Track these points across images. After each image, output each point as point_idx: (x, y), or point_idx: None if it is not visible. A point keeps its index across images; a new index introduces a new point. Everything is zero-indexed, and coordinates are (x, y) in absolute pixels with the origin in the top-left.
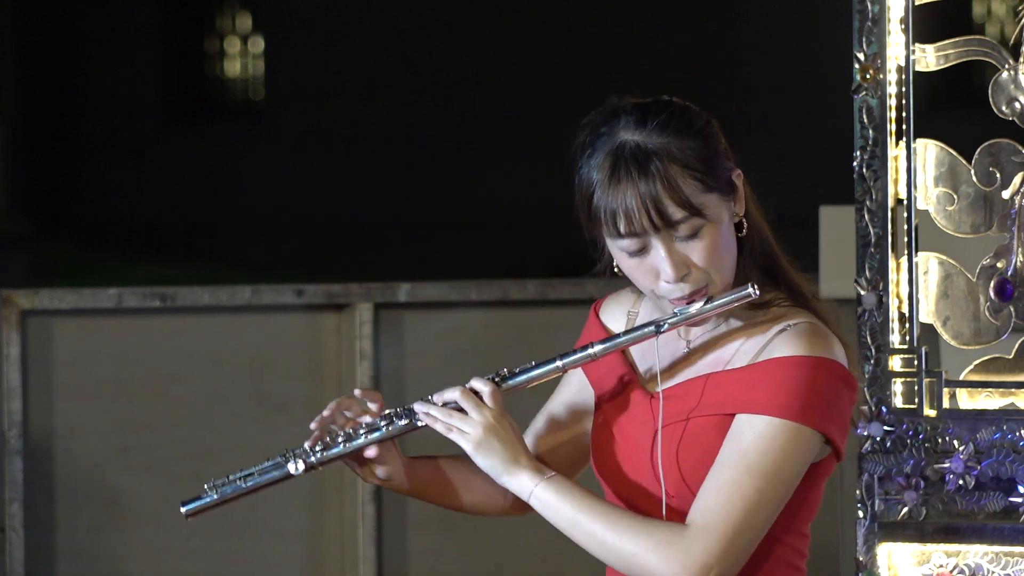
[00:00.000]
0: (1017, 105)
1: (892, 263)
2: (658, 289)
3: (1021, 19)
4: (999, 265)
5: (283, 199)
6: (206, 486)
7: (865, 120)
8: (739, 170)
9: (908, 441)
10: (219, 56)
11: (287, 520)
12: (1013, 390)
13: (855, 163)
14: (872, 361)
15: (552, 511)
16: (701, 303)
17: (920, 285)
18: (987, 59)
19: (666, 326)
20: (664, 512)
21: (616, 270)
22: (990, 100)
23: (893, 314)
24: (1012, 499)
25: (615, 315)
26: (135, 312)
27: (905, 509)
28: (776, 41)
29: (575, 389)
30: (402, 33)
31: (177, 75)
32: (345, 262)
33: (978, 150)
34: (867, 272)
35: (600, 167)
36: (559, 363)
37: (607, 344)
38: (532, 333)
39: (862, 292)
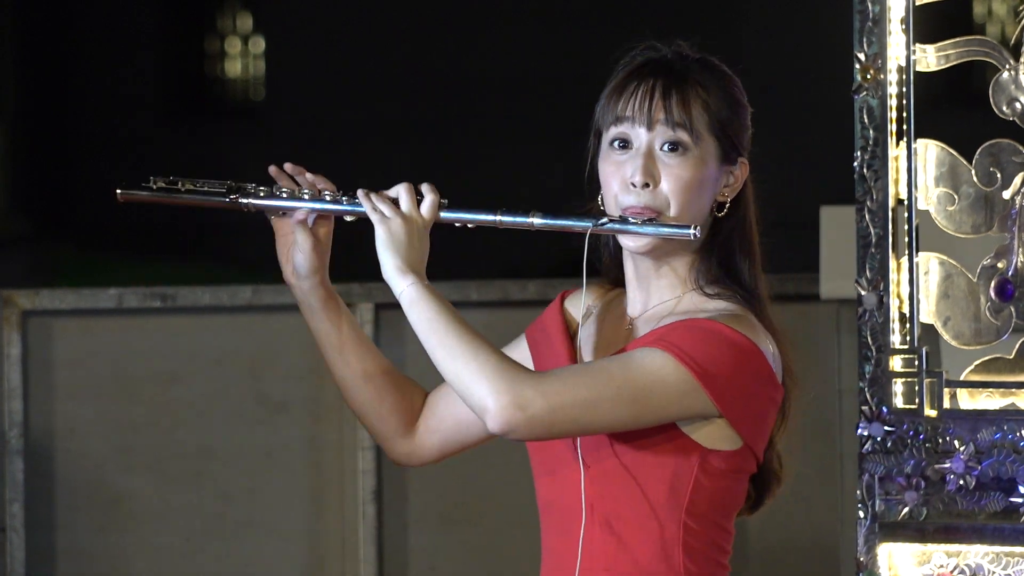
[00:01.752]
0: (1018, 105)
1: (893, 263)
2: (623, 193)
3: (1022, 19)
4: (1000, 265)
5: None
6: (151, 178)
7: (866, 120)
8: (747, 164)
9: (909, 441)
10: (220, 56)
11: (287, 520)
12: (1014, 390)
13: (856, 163)
14: (873, 361)
15: (416, 309)
16: (641, 221)
17: (921, 285)
18: (988, 59)
19: (601, 223)
20: (583, 482)
21: (599, 203)
22: (991, 100)
23: (894, 314)
24: (1013, 499)
25: (577, 305)
26: (135, 312)
27: (906, 509)
28: (776, 41)
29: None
30: (402, 33)
31: (177, 75)
32: (346, 262)
33: (979, 150)
34: (868, 272)
35: (630, 63)
36: (498, 217)
37: (546, 219)
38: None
39: (863, 292)
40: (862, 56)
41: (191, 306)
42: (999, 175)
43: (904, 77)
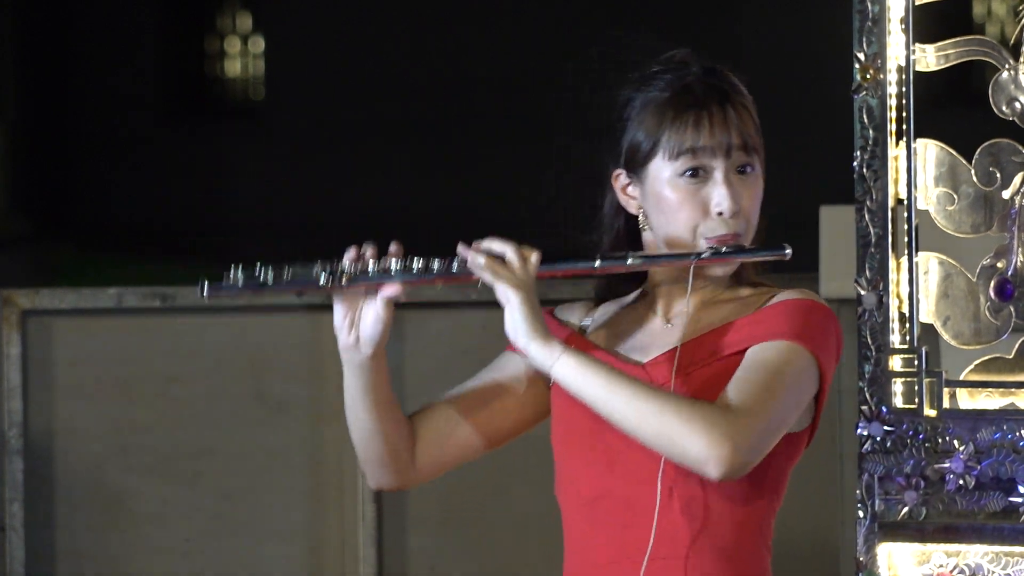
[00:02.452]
0: (1017, 105)
1: (892, 263)
2: (703, 224)
3: (1021, 19)
4: (999, 265)
5: (283, 199)
6: (232, 268)
7: (865, 120)
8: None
9: (908, 441)
10: (219, 56)
11: (287, 520)
12: (1013, 390)
13: (855, 163)
14: (872, 361)
15: (584, 375)
16: (731, 248)
17: (920, 285)
18: (987, 59)
19: (706, 254)
20: (660, 478)
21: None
22: (990, 100)
23: (893, 314)
24: (1012, 499)
25: (567, 315)
26: (135, 312)
27: (905, 509)
28: (776, 41)
29: (510, 373)
30: (402, 33)
31: (177, 75)
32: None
33: (978, 150)
34: (867, 272)
35: (671, 86)
36: (596, 263)
37: (644, 258)
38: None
39: (862, 292)
40: (862, 56)
41: (190, 306)
42: (999, 175)
43: (904, 77)
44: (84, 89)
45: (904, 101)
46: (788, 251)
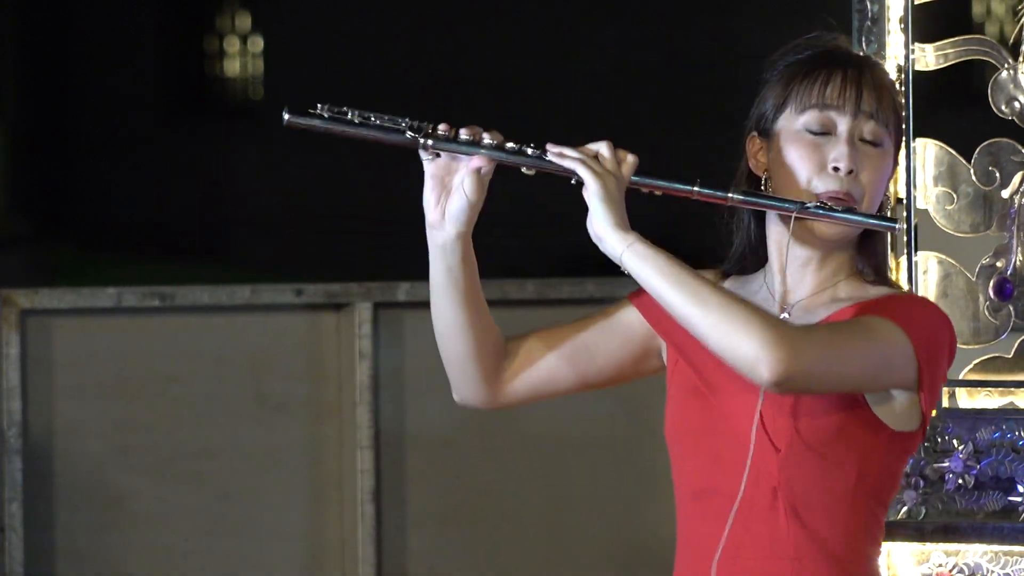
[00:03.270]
0: (1016, 104)
1: (892, 262)
2: (818, 177)
3: (1020, 18)
4: (998, 264)
5: (282, 198)
6: (319, 105)
7: None
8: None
9: None
10: (218, 55)
11: (286, 520)
12: (1012, 389)
13: None
14: None
15: (650, 264)
16: (843, 209)
17: (919, 284)
18: (987, 58)
19: (811, 206)
20: (747, 471)
21: (763, 174)
22: (989, 99)
23: None
24: (1011, 498)
25: None
26: (135, 312)
27: (904, 508)
28: (775, 39)
29: (621, 325)
30: (402, 33)
31: (177, 75)
32: (344, 262)
33: (977, 149)
34: None
35: (810, 55)
36: (696, 188)
37: (747, 196)
38: None
39: None
40: (861, 55)
41: (190, 306)
42: (998, 174)
43: (903, 76)
44: (84, 89)
45: (903, 100)
46: (899, 225)
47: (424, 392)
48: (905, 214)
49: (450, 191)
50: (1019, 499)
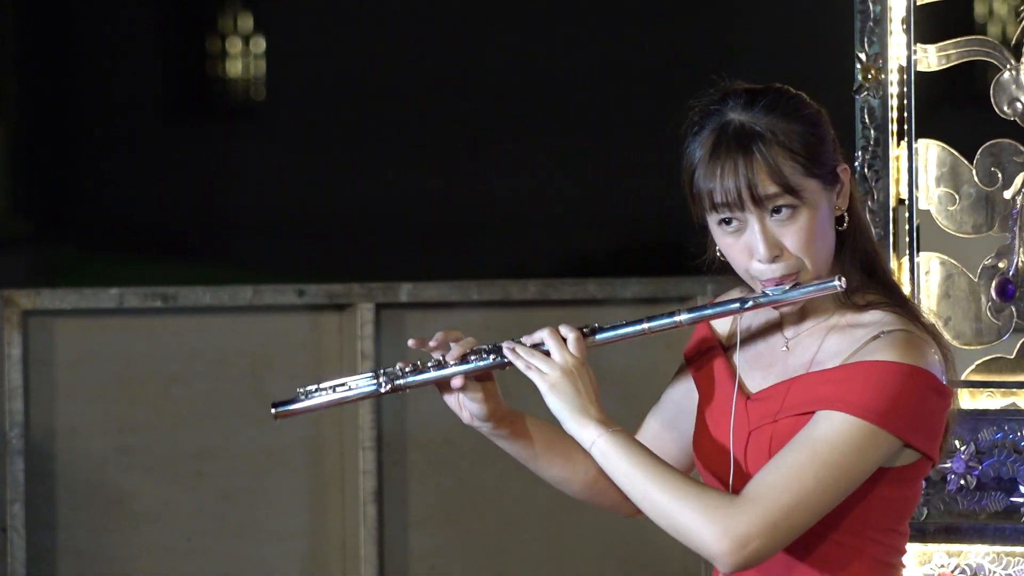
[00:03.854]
0: (1019, 105)
1: (894, 263)
2: (751, 269)
3: (1022, 19)
4: (1001, 265)
5: (284, 199)
6: (299, 390)
7: (867, 120)
8: (846, 165)
9: None
10: (220, 56)
11: (287, 520)
12: (1014, 390)
13: (857, 163)
14: None
15: (609, 463)
16: (787, 287)
17: (922, 285)
18: (989, 59)
19: (750, 303)
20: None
21: (718, 255)
22: (992, 100)
23: None
24: (1013, 499)
25: (720, 323)
26: (136, 312)
27: None
28: (777, 41)
29: (681, 393)
30: (402, 33)
31: (178, 75)
32: (346, 262)
33: (980, 150)
34: None
35: (703, 144)
36: (646, 325)
37: (693, 314)
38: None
39: None
40: (863, 56)
41: (192, 306)
42: (1000, 175)
43: (905, 77)
44: (86, 89)
45: (905, 101)
46: (840, 283)
47: (426, 393)
48: (907, 215)
49: (462, 395)
50: (1021, 500)
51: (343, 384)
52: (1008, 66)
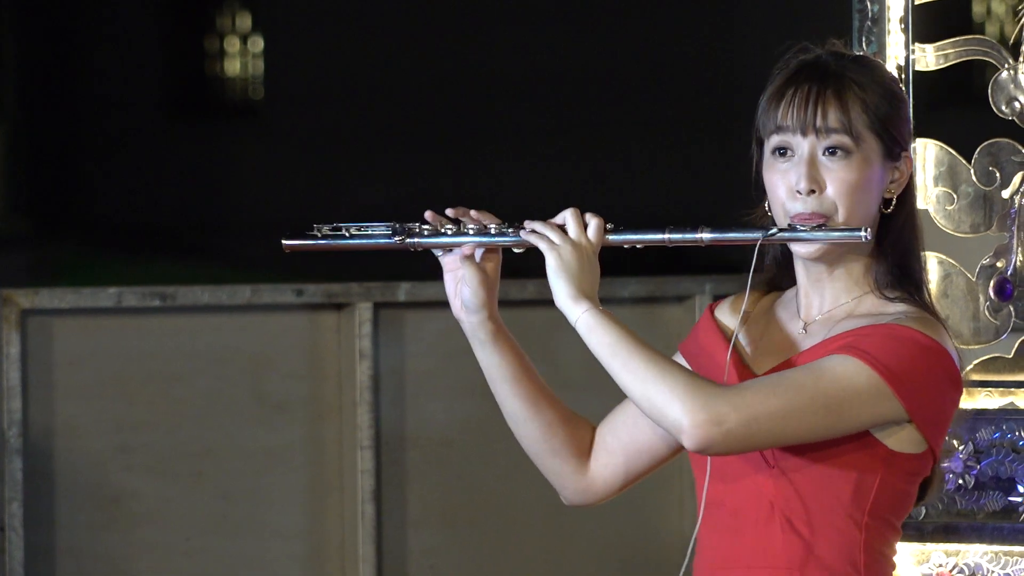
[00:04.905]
0: (1017, 105)
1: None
2: (787, 204)
3: (1021, 19)
4: (999, 264)
5: (283, 198)
6: (314, 226)
7: None
8: (911, 156)
9: None
10: (219, 55)
11: (287, 520)
12: (1013, 389)
13: None
14: None
15: (595, 335)
16: (814, 226)
17: None
18: (987, 59)
19: (771, 233)
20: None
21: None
22: (990, 100)
23: None
24: (1012, 498)
25: (727, 314)
26: (135, 311)
27: None
28: (776, 40)
29: None
30: (402, 32)
31: (177, 75)
32: (344, 262)
33: (978, 149)
34: None
35: (786, 72)
36: (666, 235)
37: (715, 234)
38: (531, 333)
39: None
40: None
41: (191, 305)
42: (998, 174)
43: (903, 76)
44: (84, 89)
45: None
46: (866, 233)
47: (424, 392)
48: None
49: (461, 280)
50: (1019, 499)
51: (358, 227)
52: (1006, 65)
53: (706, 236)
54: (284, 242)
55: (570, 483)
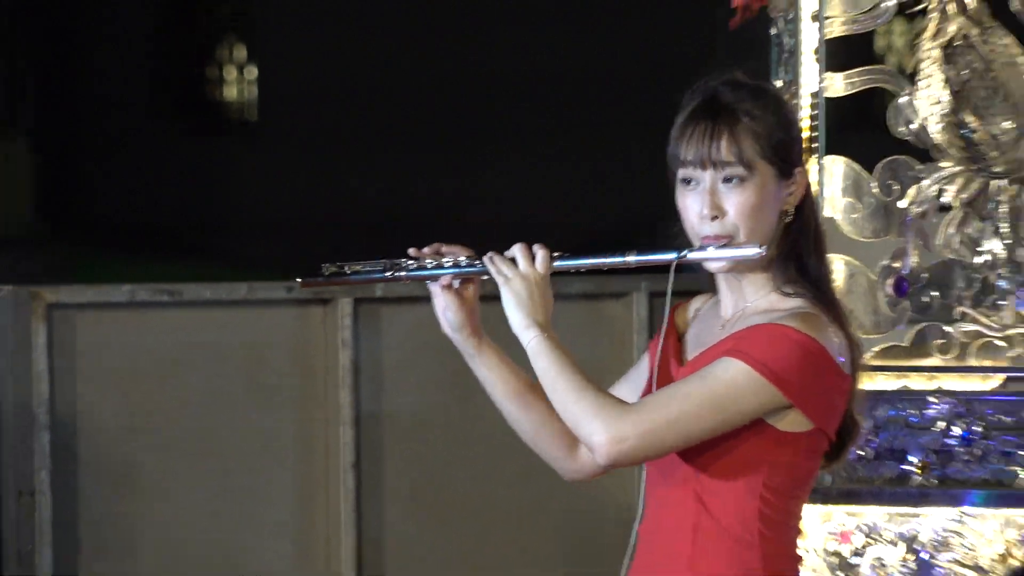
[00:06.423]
0: (913, 126)
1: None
2: (696, 226)
3: (916, 51)
4: (896, 265)
5: (274, 206)
6: (323, 266)
7: None
8: (805, 171)
9: None
10: (218, 81)
11: (279, 490)
12: (907, 373)
13: None
14: None
15: (538, 361)
16: (718, 246)
17: None
18: (887, 86)
19: (685, 253)
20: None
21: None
22: (889, 122)
23: None
24: (904, 467)
25: (685, 313)
26: (146, 306)
27: None
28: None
29: (639, 371)
30: (402, 33)
31: (183, 99)
32: (330, 261)
33: (879, 165)
34: None
35: (687, 110)
36: (601, 260)
37: (640, 256)
38: (507, 326)
39: None
40: (779, 83)
41: (195, 300)
42: (896, 187)
43: (815, 101)
44: (100, 110)
45: (815, 123)
46: (760, 250)
47: (398, 376)
48: None
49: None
50: (910, 468)
51: (357, 265)
52: (904, 91)
53: (631, 259)
54: (298, 280)
55: (564, 465)
